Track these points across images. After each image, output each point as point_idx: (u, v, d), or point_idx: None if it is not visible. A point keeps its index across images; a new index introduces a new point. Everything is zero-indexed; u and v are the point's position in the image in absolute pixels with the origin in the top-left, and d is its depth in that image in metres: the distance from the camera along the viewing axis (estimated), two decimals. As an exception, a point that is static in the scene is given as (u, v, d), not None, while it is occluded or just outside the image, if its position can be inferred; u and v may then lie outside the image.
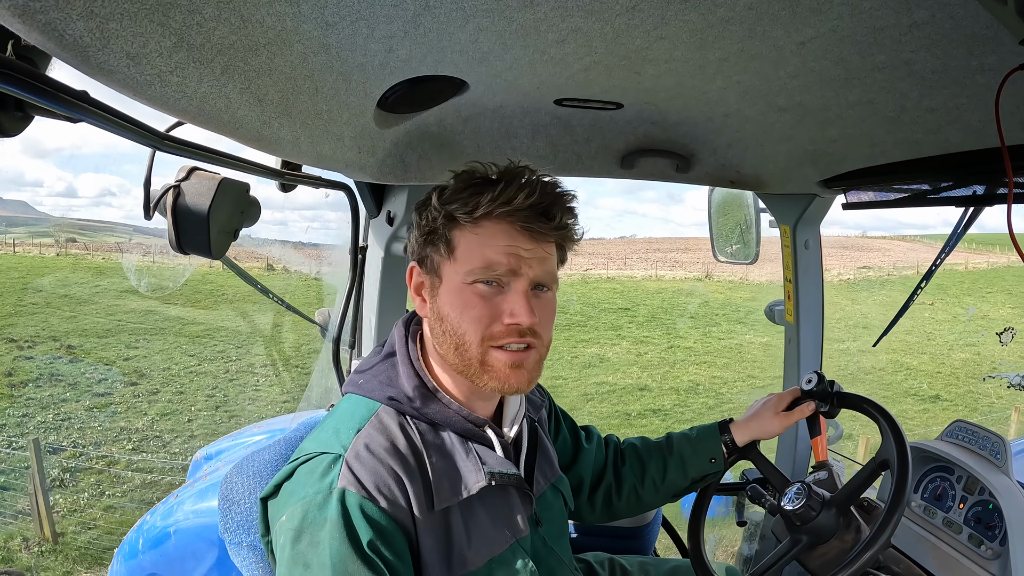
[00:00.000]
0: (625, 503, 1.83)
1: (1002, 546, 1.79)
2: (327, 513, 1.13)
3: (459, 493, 1.27)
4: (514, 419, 1.46)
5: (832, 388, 1.77)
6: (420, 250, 1.35)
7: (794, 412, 1.78)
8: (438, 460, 1.28)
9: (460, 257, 1.28)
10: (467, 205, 1.27)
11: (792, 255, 2.47)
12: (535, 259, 1.29)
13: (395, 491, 1.19)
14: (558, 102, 1.59)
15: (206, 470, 2.36)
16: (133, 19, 0.72)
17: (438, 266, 1.32)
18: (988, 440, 1.95)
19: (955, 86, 1.17)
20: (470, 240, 1.28)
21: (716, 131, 1.80)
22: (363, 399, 1.35)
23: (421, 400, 1.32)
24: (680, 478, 1.81)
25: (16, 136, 0.89)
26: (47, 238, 52.46)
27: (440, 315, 1.31)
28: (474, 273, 1.27)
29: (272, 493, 1.25)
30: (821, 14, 0.95)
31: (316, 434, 1.32)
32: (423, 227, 1.34)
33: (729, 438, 1.80)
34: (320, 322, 2.60)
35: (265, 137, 1.27)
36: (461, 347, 1.28)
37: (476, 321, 1.27)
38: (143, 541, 2.05)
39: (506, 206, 1.25)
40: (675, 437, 1.85)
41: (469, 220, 1.28)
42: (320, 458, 1.21)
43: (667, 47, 1.13)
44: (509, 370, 1.29)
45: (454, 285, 1.29)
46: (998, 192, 1.57)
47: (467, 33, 1.06)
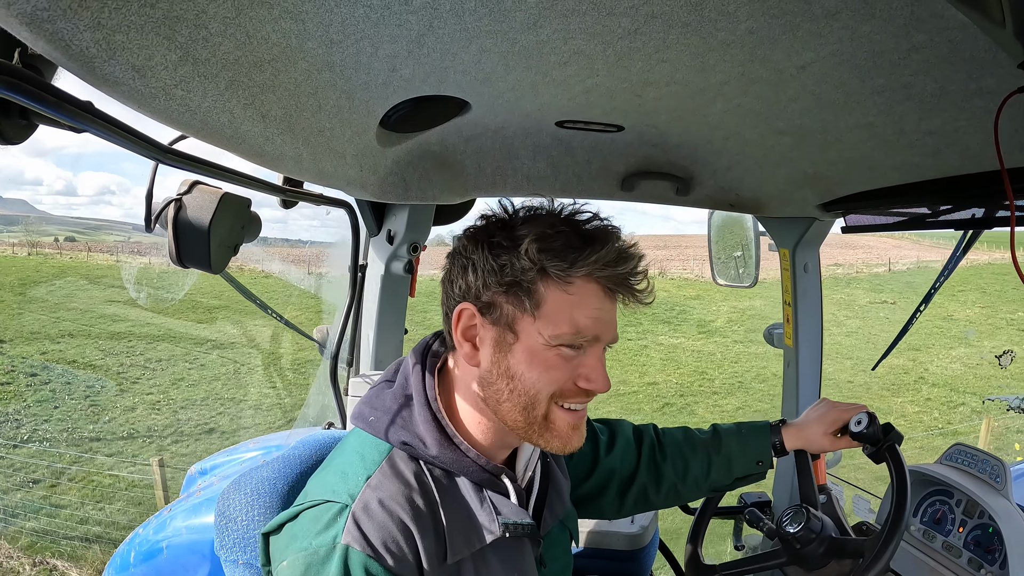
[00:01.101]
0: (664, 498, 1.77)
1: (1002, 570, 1.77)
2: (328, 569, 1.08)
3: (472, 545, 1.21)
4: (528, 462, 1.41)
5: (885, 436, 1.65)
6: (490, 296, 1.21)
7: (844, 440, 1.70)
8: (452, 510, 1.21)
9: (546, 316, 1.18)
10: (565, 260, 1.16)
11: (791, 278, 2.47)
12: (612, 321, 1.23)
13: (403, 547, 1.12)
14: (559, 124, 1.60)
15: (200, 485, 2.35)
16: (140, 32, 0.73)
17: (513, 320, 1.20)
18: (988, 463, 1.94)
19: (954, 109, 1.17)
20: (561, 301, 1.18)
21: (716, 154, 1.81)
22: (372, 438, 1.27)
23: (437, 448, 1.24)
24: (724, 477, 1.74)
25: (19, 144, 0.90)
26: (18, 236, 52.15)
27: (511, 373, 1.20)
28: (562, 338, 1.18)
29: (275, 530, 1.20)
30: (821, 38, 0.96)
31: (322, 475, 1.26)
32: (503, 273, 1.19)
33: (779, 441, 1.73)
34: (318, 339, 2.60)
35: (267, 153, 1.28)
36: (530, 407, 1.21)
37: (553, 383, 1.20)
38: (135, 554, 2.03)
39: (607, 270, 1.17)
40: (723, 433, 1.77)
41: (562, 276, 1.17)
42: (326, 507, 1.15)
43: (668, 70, 1.14)
44: (571, 431, 1.24)
45: (534, 345, 1.19)
46: (997, 215, 1.58)
47: (470, 54, 1.07)
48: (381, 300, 2.40)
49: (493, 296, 1.21)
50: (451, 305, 1.26)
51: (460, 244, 1.27)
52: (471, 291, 1.23)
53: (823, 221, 2.32)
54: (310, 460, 1.45)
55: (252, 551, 1.31)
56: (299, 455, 1.46)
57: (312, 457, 1.46)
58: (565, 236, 1.18)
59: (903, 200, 1.74)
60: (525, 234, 1.19)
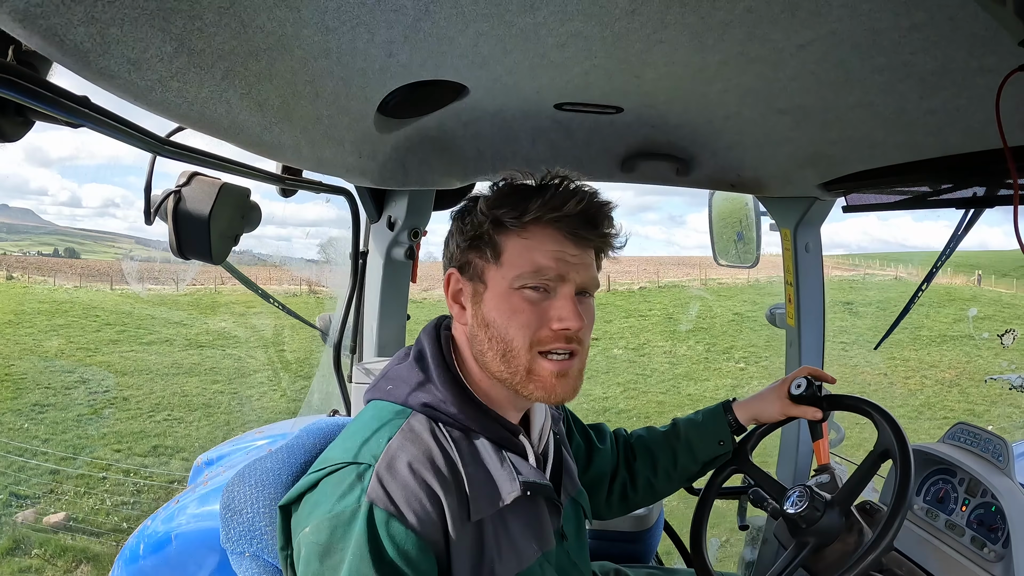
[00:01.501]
0: (642, 495, 1.82)
1: (1005, 548, 1.78)
2: (354, 529, 1.09)
3: (495, 503, 1.23)
4: (541, 430, 1.44)
5: (820, 391, 1.74)
6: (461, 256, 1.32)
7: (798, 407, 1.74)
8: (473, 469, 1.23)
9: (507, 262, 1.26)
10: (516, 210, 1.25)
11: (793, 258, 2.46)
12: (581, 265, 1.28)
13: (428, 506, 1.13)
14: (558, 106, 1.60)
15: (207, 475, 2.36)
16: (134, 24, 0.73)
17: (482, 272, 1.29)
18: (990, 442, 1.95)
19: (955, 88, 1.17)
20: (518, 245, 1.26)
21: (716, 134, 1.80)
22: (391, 405, 1.29)
23: (458, 405, 1.27)
24: (691, 463, 1.79)
25: (16, 141, 0.90)
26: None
27: (485, 321, 1.27)
28: (523, 278, 1.24)
29: (294, 502, 1.21)
30: (820, 16, 0.95)
31: (341, 443, 1.27)
32: (466, 232, 1.30)
33: (732, 418, 1.78)
34: (321, 327, 2.60)
35: (266, 142, 1.27)
36: (508, 354, 1.26)
37: (524, 326, 1.24)
38: (144, 546, 2.04)
39: (556, 211, 1.24)
40: (681, 423, 1.83)
41: (517, 225, 1.25)
42: (348, 469, 1.16)
43: (667, 50, 1.14)
44: (555, 379, 1.26)
45: (501, 290, 1.26)
46: (999, 194, 1.57)
47: (467, 38, 1.06)
48: (383, 287, 2.40)
49: (464, 255, 1.31)
50: (444, 276, 1.37)
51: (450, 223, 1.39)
52: (452, 257, 1.35)
53: (824, 201, 2.31)
54: (314, 449, 1.45)
55: (258, 543, 1.31)
56: (303, 444, 1.46)
57: (316, 445, 1.46)
58: (519, 189, 1.30)
59: (904, 179, 1.73)
60: (499, 195, 1.30)
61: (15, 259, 49.34)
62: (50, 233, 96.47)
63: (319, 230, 12.65)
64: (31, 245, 71.15)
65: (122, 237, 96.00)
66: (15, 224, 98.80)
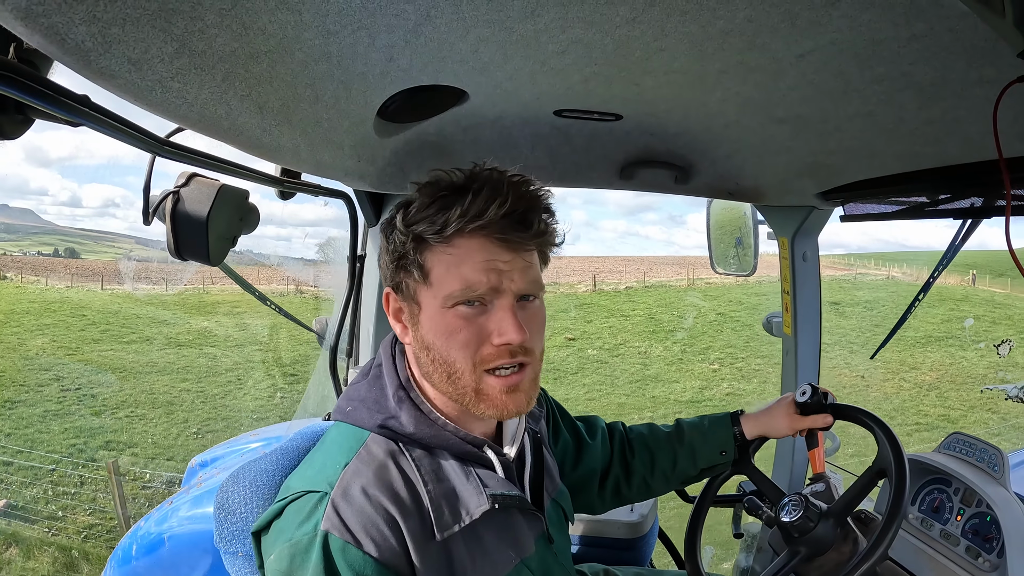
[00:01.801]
0: (636, 491, 1.81)
1: (1000, 558, 1.78)
2: (311, 558, 1.08)
3: (460, 519, 1.20)
4: (514, 436, 1.39)
5: (826, 400, 1.74)
6: (393, 276, 1.25)
7: (807, 419, 1.74)
8: (435, 487, 1.20)
9: (436, 281, 1.19)
10: (435, 224, 1.17)
11: (790, 267, 2.47)
12: (516, 271, 1.20)
13: (385, 531, 1.11)
14: (558, 113, 1.60)
15: (201, 477, 2.35)
16: (135, 24, 0.73)
17: (414, 292, 1.22)
18: (986, 452, 1.95)
19: (954, 98, 1.17)
20: (444, 261, 1.18)
21: (715, 142, 1.81)
22: (351, 428, 1.27)
23: (414, 424, 1.24)
24: (690, 468, 1.78)
25: (16, 139, 0.89)
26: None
27: (425, 343, 1.22)
28: (453, 297, 1.17)
29: (264, 528, 1.20)
30: (820, 26, 0.96)
31: (303, 469, 1.26)
32: (391, 252, 1.23)
33: (739, 430, 1.77)
34: (317, 330, 2.60)
35: (265, 144, 1.27)
36: (453, 375, 1.20)
37: (464, 347, 1.18)
38: (136, 547, 2.04)
39: (478, 220, 1.15)
40: (685, 426, 1.82)
41: (440, 240, 1.18)
42: (307, 497, 1.15)
43: (667, 59, 1.14)
44: (505, 396, 1.21)
45: (434, 311, 1.20)
46: (996, 204, 1.58)
47: (468, 43, 1.06)
48: (380, 290, 2.40)
49: (395, 275, 1.25)
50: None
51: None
52: (387, 276, 1.28)
53: (822, 210, 2.31)
54: (307, 451, 1.45)
55: (251, 543, 1.32)
56: (296, 446, 1.46)
57: (309, 448, 1.46)
58: (441, 200, 1.18)
59: (902, 189, 1.74)
60: (419, 210, 1.20)
61: (11, 259, 49.63)
62: (50, 233, 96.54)
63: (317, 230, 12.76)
64: (31, 245, 71.28)
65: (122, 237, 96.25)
66: (15, 224, 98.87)
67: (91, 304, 32.28)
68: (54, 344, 26.17)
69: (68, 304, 32.13)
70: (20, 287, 36.52)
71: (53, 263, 49.00)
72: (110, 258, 63.21)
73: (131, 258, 49.10)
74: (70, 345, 26.23)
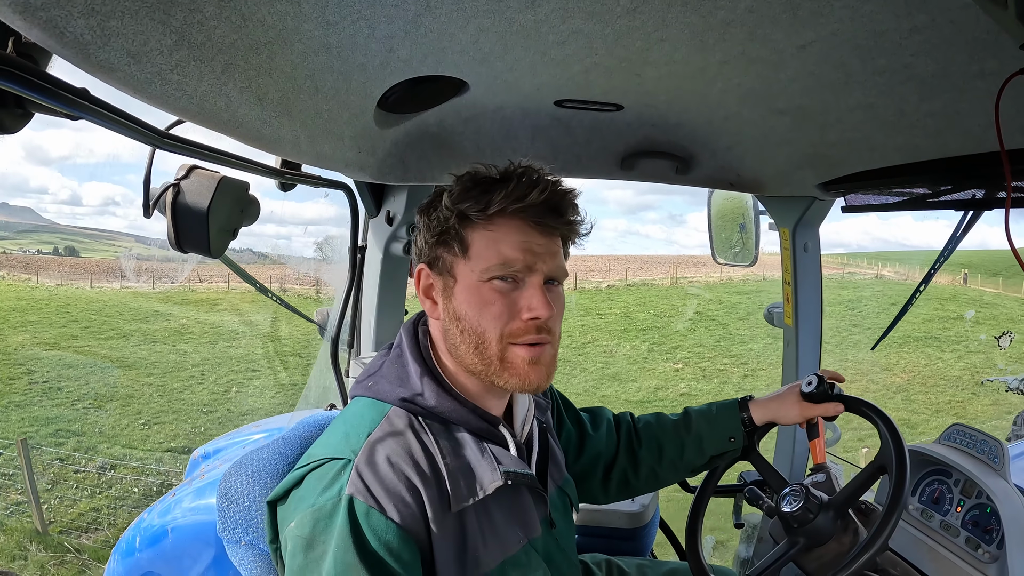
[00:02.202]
0: (644, 482, 1.81)
1: (999, 549, 1.79)
2: (335, 521, 1.11)
3: (475, 493, 1.25)
4: (524, 420, 1.46)
5: (832, 390, 1.74)
6: (430, 251, 1.33)
7: (818, 407, 1.73)
8: (452, 460, 1.25)
9: (475, 255, 1.27)
10: (480, 203, 1.26)
11: (791, 258, 2.47)
12: (548, 254, 1.29)
13: (407, 498, 1.15)
14: (558, 103, 1.59)
15: (204, 468, 2.35)
16: (134, 17, 0.72)
17: (451, 266, 1.30)
18: (986, 444, 1.95)
19: (955, 90, 1.17)
20: (484, 238, 1.27)
21: (716, 133, 1.80)
22: (373, 401, 1.32)
23: (435, 398, 1.29)
24: (698, 456, 1.78)
25: (15, 133, 0.89)
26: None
27: (457, 315, 1.29)
28: (491, 270, 1.26)
29: (281, 498, 1.23)
30: (822, 17, 0.95)
31: (325, 439, 1.29)
32: (433, 228, 1.32)
33: (747, 416, 1.77)
34: (319, 321, 2.60)
35: (265, 136, 1.27)
36: (481, 345, 1.28)
37: (495, 318, 1.26)
38: (140, 539, 2.04)
39: (519, 202, 1.25)
40: (693, 414, 1.82)
41: (483, 218, 1.27)
42: (330, 464, 1.19)
43: (668, 49, 1.14)
44: (528, 367, 1.28)
45: (470, 283, 1.28)
46: (996, 196, 1.57)
47: (468, 34, 1.06)
48: (381, 281, 2.40)
49: (433, 250, 1.33)
50: (415, 272, 1.38)
51: (416, 218, 1.39)
52: (421, 252, 1.36)
53: (823, 201, 2.31)
54: (310, 441, 1.45)
55: (254, 532, 1.32)
56: (299, 436, 1.47)
57: (311, 437, 1.47)
58: (481, 182, 1.29)
59: (903, 180, 1.73)
60: (451, 191, 1.31)
61: (5, 258, 50.19)
62: (50, 231, 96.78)
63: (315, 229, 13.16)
64: (31, 243, 71.50)
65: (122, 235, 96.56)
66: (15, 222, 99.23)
67: (77, 302, 33.21)
68: (34, 340, 27.09)
69: (55, 302, 33.08)
70: (11, 284, 37.49)
71: (47, 261, 49.56)
72: (110, 256, 63.59)
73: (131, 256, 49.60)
74: (49, 341, 27.06)
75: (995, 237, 9.94)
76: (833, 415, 1.74)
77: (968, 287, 38.67)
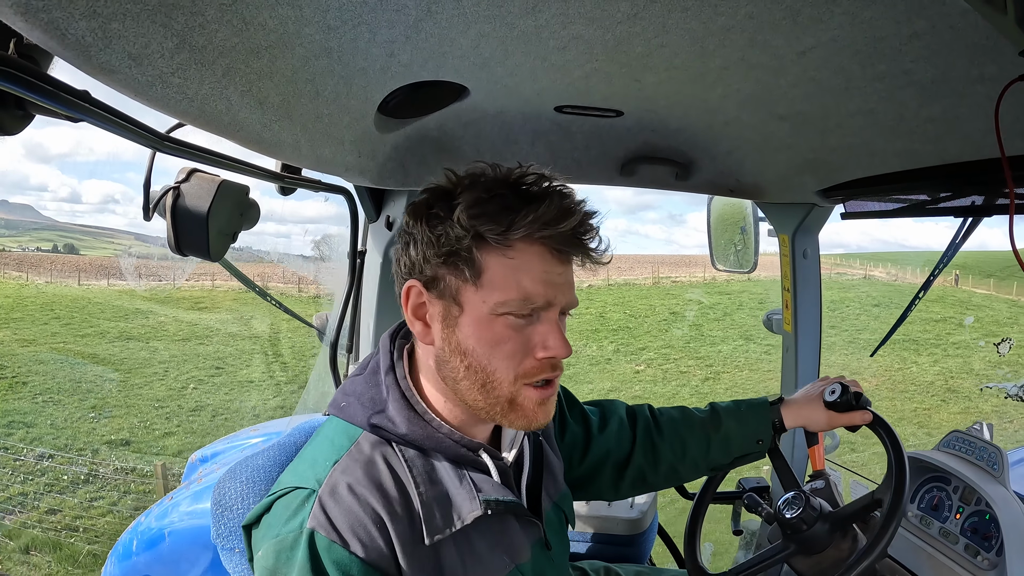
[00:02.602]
0: (663, 478, 1.73)
1: (998, 556, 1.78)
2: (296, 555, 1.06)
3: (452, 524, 1.17)
4: (512, 441, 1.37)
5: (858, 401, 1.68)
6: (432, 269, 1.17)
7: (844, 416, 1.68)
8: (427, 490, 1.17)
9: (488, 284, 1.13)
10: (500, 223, 1.11)
11: (791, 264, 2.47)
12: (566, 284, 1.19)
13: (372, 532, 1.09)
14: (559, 109, 1.60)
15: (201, 472, 2.35)
16: (135, 20, 0.73)
17: (457, 292, 1.16)
18: (985, 450, 1.95)
19: (955, 96, 1.17)
20: (502, 265, 1.13)
21: (716, 139, 1.81)
22: (344, 424, 1.24)
23: (407, 425, 1.20)
24: (723, 456, 1.72)
25: (16, 134, 0.89)
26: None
27: (462, 349, 1.16)
28: (507, 305, 1.13)
29: (254, 522, 1.19)
30: (821, 23, 0.95)
31: (295, 464, 1.24)
32: (439, 245, 1.15)
33: (778, 419, 1.71)
34: (318, 326, 2.60)
35: (265, 140, 1.27)
36: (489, 385, 1.17)
37: (508, 357, 1.15)
38: (137, 542, 2.04)
39: (547, 228, 1.12)
40: (721, 412, 1.73)
41: (502, 242, 1.13)
42: (295, 493, 1.13)
43: (668, 55, 1.14)
44: (538, 408, 1.19)
45: (480, 316, 1.15)
46: (997, 203, 1.57)
47: (468, 39, 1.06)
48: (380, 286, 2.40)
49: (435, 269, 1.17)
50: (400, 284, 1.23)
51: (404, 219, 1.23)
52: (415, 267, 1.19)
53: (823, 207, 2.31)
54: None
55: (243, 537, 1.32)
56: (294, 442, 1.46)
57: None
58: (501, 198, 1.14)
59: (903, 187, 1.73)
60: (460, 201, 1.14)
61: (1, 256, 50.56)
62: (50, 229, 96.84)
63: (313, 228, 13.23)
64: (30, 241, 71.53)
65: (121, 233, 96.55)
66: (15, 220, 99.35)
67: (63, 299, 33.71)
68: (13, 337, 27.67)
69: (41, 299, 33.62)
70: (1, 282, 37.89)
71: (40, 259, 49.92)
72: (108, 254, 63.83)
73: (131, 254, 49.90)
74: (28, 338, 27.56)
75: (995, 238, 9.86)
76: (859, 424, 1.68)
77: (959, 288, 38.53)
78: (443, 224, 1.15)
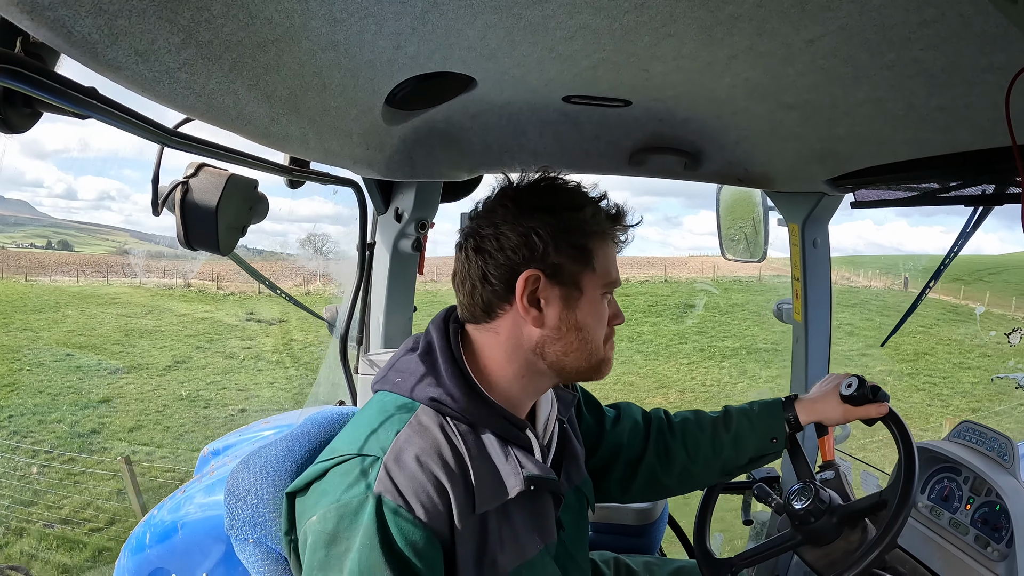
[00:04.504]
0: (678, 480, 1.76)
1: (1009, 547, 1.78)
2: (361, 519, 1.11)
3: (499, 497, 1.25)
4: (546, 422, 1.46)
5: (875, 395, 1.68)
6: (557, 258, 1.29)
7: (861, 409, 1.68)
8: (479, 463, 1.25)
9: (600, 269, 1.34)
10: (610, 220, 1.36)
11: (800, 254, 2.46)
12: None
13: (435, 499, 1.16)
14: (566, 99, 1.59)
15: (213, 465, 2.37)
16: (141, 16, 0.73)
17: (578, 278, 1.32)
18: (996, 441, 1.94)
19: (964, 85, 1.16)
20: (605, 254, 1.35)
21: (724, 129, 1.80)
22: (398, 397, 1.30)
23: (465, 401, 1.28)
24: (737, 457, 1.73)
25: (24, 132, 0.90)
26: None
27: (578, 325, 1.33)
28: (608, 285, 1.36)
29: (301, 490, 1.23)
30: (830, 11, 0.95)
31: (349, 433, 1.28)
32: (573, 236, 1.31)
33: (793, 416, 1.72)
34: (327, 318, 2.61)
35: (273, 134, 1.27)
36: (594, 352, 1.36)
37: (604, 326, 1.38)
38: (150, 535, 2.05)
39: (618, 221, 1.38)
40: (734, 413, 1.76)
41: (608, 235, 1.36)
42: (355, 460, 1.18)
43: (675, 44, 1.13)
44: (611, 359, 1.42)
45: (594, 296, 1.34)
46: (1008, 191, 1.56)
47: (475, 30, 1.06)
48: (390, 278, 2.41)
49: (559, 258, 1.30)
50: (503, 274, 1.30)
51: (502, 215, 1.31)
52: (535, 256, 1.28)
53: (832, 196, 2.30)
54: (319, 437, 1.46)
55: (262, 529, 1.32)
56: (307, 432, 1.47)
57: (320, 434, 1.47)
58: (581, 194, 1.36)
59: (913, 176, 1.72)
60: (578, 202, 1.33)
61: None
62: (45, 225, 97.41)
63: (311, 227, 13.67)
64: (25, 237, 72.04)
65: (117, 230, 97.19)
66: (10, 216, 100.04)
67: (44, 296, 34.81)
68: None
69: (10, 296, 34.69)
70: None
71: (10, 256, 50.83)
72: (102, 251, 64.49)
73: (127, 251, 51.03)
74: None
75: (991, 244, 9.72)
76: (876, 417, 1.68)
77: (909, 291, 37.24)
78: (572, 220, 1.32)
